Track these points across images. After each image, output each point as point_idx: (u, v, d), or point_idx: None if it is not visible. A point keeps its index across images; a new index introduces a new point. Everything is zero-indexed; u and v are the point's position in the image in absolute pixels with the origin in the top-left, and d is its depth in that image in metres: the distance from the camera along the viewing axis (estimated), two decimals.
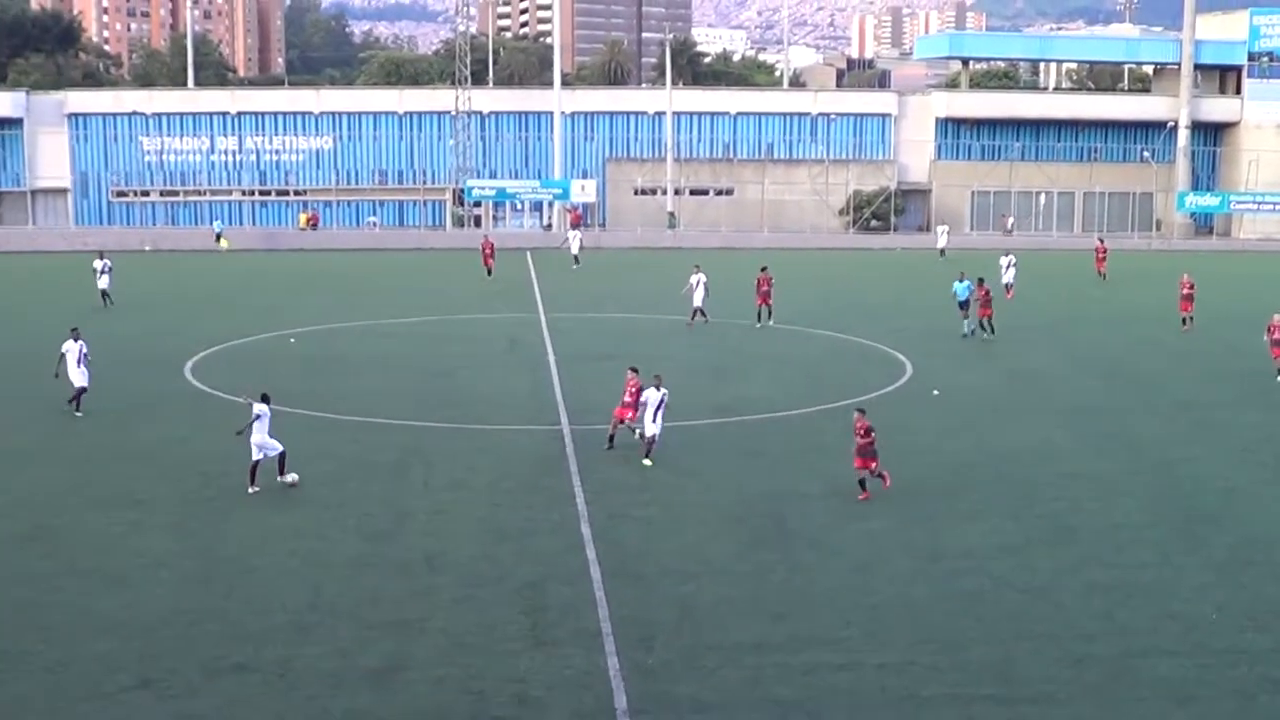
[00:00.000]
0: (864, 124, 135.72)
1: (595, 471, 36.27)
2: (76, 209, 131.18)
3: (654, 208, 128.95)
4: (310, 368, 52.29)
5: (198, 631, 24.75)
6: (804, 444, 40.11)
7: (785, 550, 29.75)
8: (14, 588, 27.00)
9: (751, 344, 58.33)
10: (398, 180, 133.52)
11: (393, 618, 25.36)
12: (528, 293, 78.60)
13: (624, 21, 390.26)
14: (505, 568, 28.27)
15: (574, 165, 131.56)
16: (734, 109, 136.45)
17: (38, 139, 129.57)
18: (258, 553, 29.33)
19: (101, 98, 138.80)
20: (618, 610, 25.58)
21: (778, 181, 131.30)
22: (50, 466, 37.06)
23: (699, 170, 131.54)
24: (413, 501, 33.57)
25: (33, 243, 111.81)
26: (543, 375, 51.45)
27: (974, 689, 22.44)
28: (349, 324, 64.73)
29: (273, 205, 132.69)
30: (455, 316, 68.03)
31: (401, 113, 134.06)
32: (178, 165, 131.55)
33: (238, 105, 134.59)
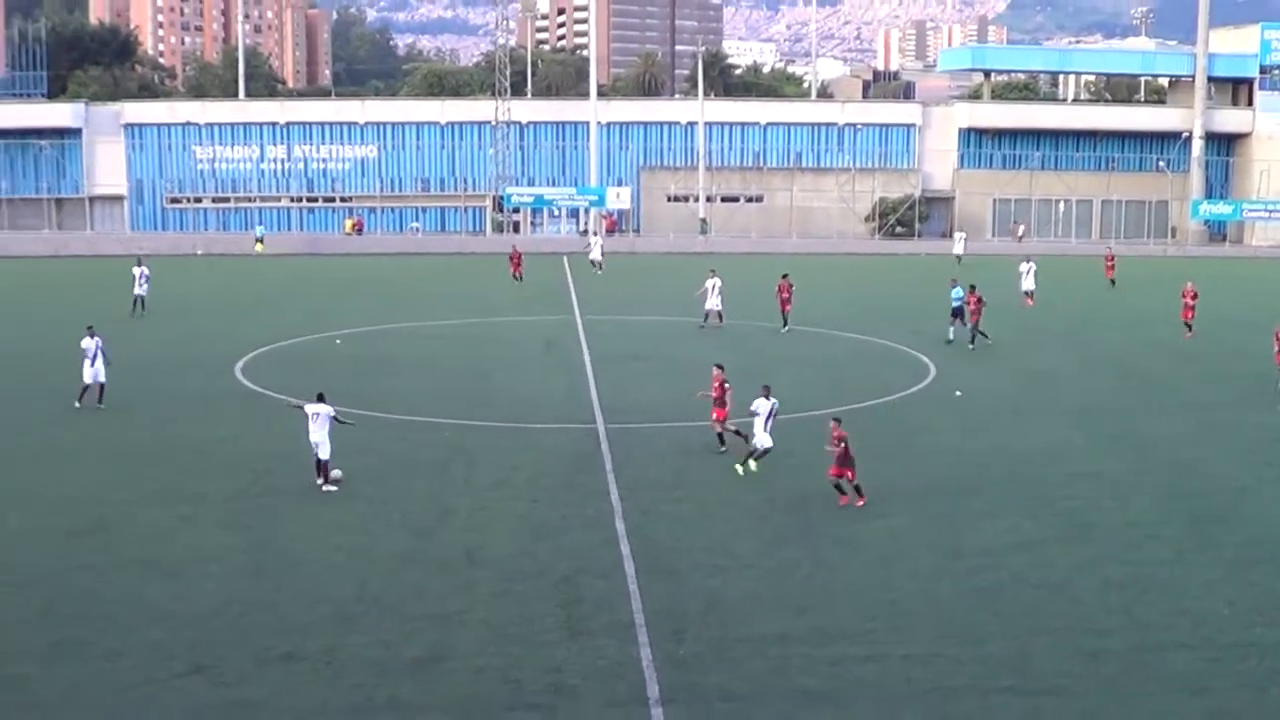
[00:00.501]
0: (889, 134, 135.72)
1: (629, 469, 36.28)
2: (132, 215, 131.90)
3: (686, 214, 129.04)
4: (356, 368, 52.38)
5: (247, 621, 24.85)
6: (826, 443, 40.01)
7: (810, 546, 29.74)
8: (72, 578, 27.12)
9: (778, 346, 58.26)
10: (440, 187, 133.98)
11: (435, 610, 25.43)
12: (564, 296, 78.66)
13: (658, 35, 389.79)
14: (543, 562, 28.31)
15: (609, 173, 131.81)
16: (764, 119, 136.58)
17: (96, 148, 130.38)
18: (305, 547, 29.42)
19: (156, 108, 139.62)
20: (650, 603, 25.60)
21: (806, 189, 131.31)
22: (107, 463, 37.22)
23: (730, 178, 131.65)
24: (454, 498, 33.62)
25: (91, 247, 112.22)
26: (579, 376, 51.47)
27: (993, 681, 22.42)
28: (393, 326, 64.84)
29: (320, 212, 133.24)
30: (494, 319, 68.11)
31: (443, 123, 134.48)
32: (229, 173, 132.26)
33: (286, 116, 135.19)
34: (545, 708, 21.32)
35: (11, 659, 22.96)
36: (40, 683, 22.07)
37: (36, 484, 34.87)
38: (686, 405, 41.65)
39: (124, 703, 21.35)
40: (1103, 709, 21.56)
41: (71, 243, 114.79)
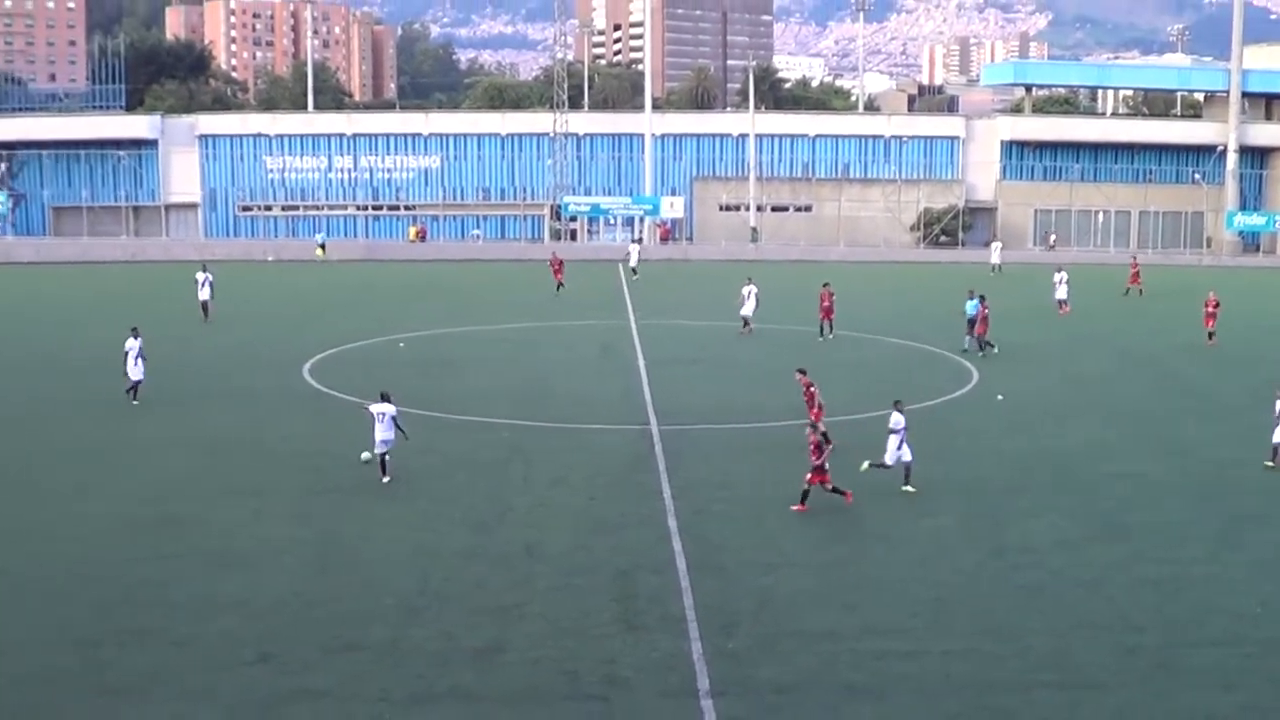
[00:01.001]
0: (934, 146, 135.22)
1: (681, 469, 36.25)
2: (206, 222, 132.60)
3: (738, 223, 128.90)
4: (419, 370, 52.48)
5: (314, 612, 24.93)
6: (875, 445, 39.82)
7: (857, 544, 29.70)
8: (145, 569, 27.28)
9: (826, 351, 58.06)
10: (500, 196, 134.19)
11: (494, 603, 25.45)
12: (619, 301, 78.69)
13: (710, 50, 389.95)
14: (598, 558, 28.32)
15: (663, 183, 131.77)
16: (812, 131, 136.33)
17: (171, 158, 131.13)
18: (370, 541, 29.50)
19: (229, 120, 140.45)
20: (701, 598, 25.57)
21: (853, 199, 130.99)
22: (180, 458, 37.42)
23: (780, 188, 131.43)
24: (513, 496, 33.64)
25: (167, 253, 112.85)
26: (633, 379, 51.47)
27: (1033, 675, 22.29)
28: (454, 330, 64.98)
29: (384, 219, 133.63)
30: (552, 323, 68.16)
31: (504, 134, 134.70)
32: (298, 182, 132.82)
33: (353, 127, 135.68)
34: (600, 698, 21.32)
35: (90, 645, 23.11)
36: (117, 668, 22.21)
37: (112, 479, 35.13)
38: (737, 407, 41.61)
39: (195, 688, 21.45)
40: (1138, 703, 21.42)
41: (148, 249, 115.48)
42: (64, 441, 39.51)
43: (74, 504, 32.33)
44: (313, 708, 20.86)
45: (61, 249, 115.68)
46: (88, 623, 24.23)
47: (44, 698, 21.10)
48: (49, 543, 29.11)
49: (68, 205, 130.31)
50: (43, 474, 35.59)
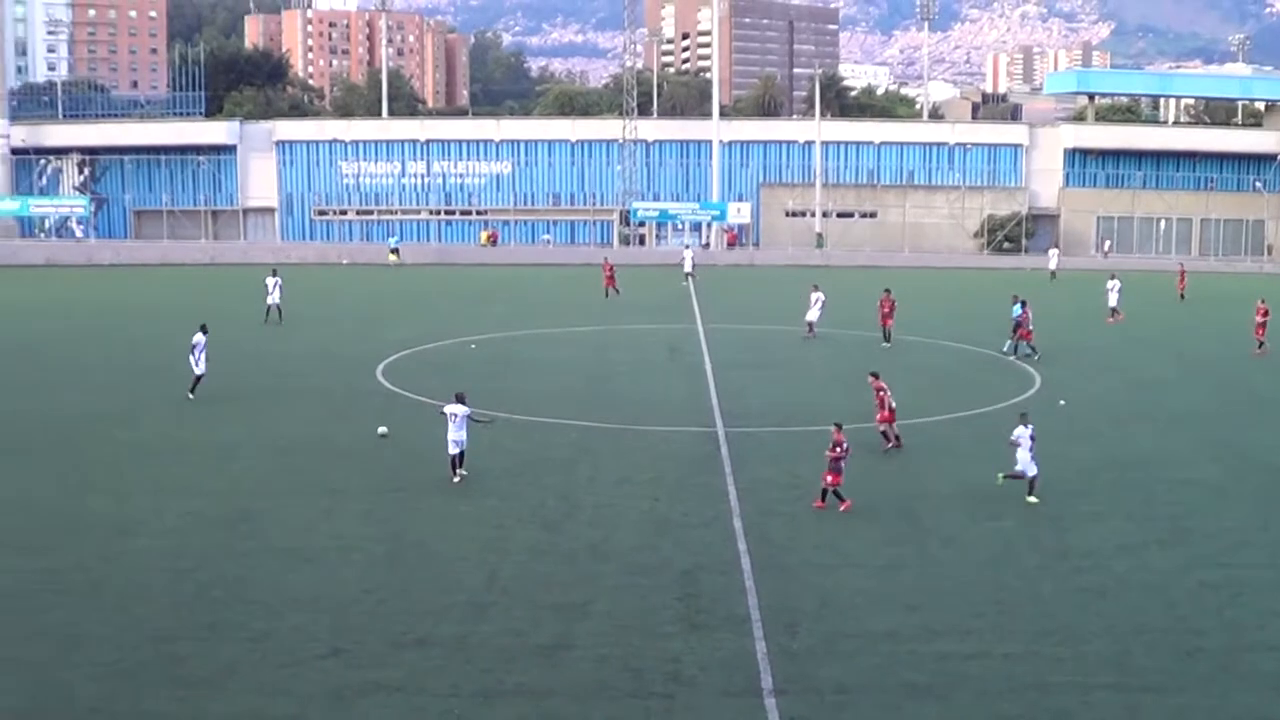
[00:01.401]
0: (997, 153, 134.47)
1: (747, 471, 36.21)
2: (282, 226, 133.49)
3: (803, 228, 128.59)
4: (489, 371, 52.63)
5: (384, 608, 25.06)
6: (937, 448, 39.80)
7: (919, 546, 29.57)
8: (222, 565, 27.50)
9: (891, 356, 57.76)
10: (570, 202, 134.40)
11: (561, 600, 25.51)
12: (686, 305, 78.65)
13: (777, 58, 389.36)
14: (664, 557, 28.33)
15: (730, 189, 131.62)
16: (878, 139, 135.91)
17: (249, 163, 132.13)
18: (440, 538, 29.62)
19: (305, 126, 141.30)
20: (765, 598, 25.54)
21: (918, 205, 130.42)
22: (255, 457, 37.69)
23: (845, 194, 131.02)
24: (581, 495, 33.72)
25: (244, 256, 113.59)
26: (699, 381, 51.42)
27: (1093, 678, 22.15)
28: (524, 332, 65.11)
29: (456, 224, 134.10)
30: (620, 326, 68.18)
31: (574, 141, 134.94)
32: (372, 187, 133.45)
33: (426, 134, 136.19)
34: (664, 696, 21.32)
35: (169, 639, 23.31)
36: (195, 661, 22.39)
37: (191, 477, 35.38)
38: (803, 410, 41.56)
39: (269, 682, 21.61)
40: (1197, 706, 21.28)
41: (226, 252, 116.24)
42: (145, 440, 39.86)
43: (153, 501, 32.60)
44: (383, 702, 20.96)
45: (142, 251, 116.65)
46: (165, 618, 24.44)
47: (122, 690, 21.30)
48: (128, 539, 29.40)
49: (148, 209, 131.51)
50: (125, 472, 35.93)
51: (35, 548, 28.74)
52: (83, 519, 31.03)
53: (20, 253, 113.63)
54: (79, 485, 34.25)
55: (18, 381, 50.34)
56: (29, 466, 36.54)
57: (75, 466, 36.37)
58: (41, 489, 33.95)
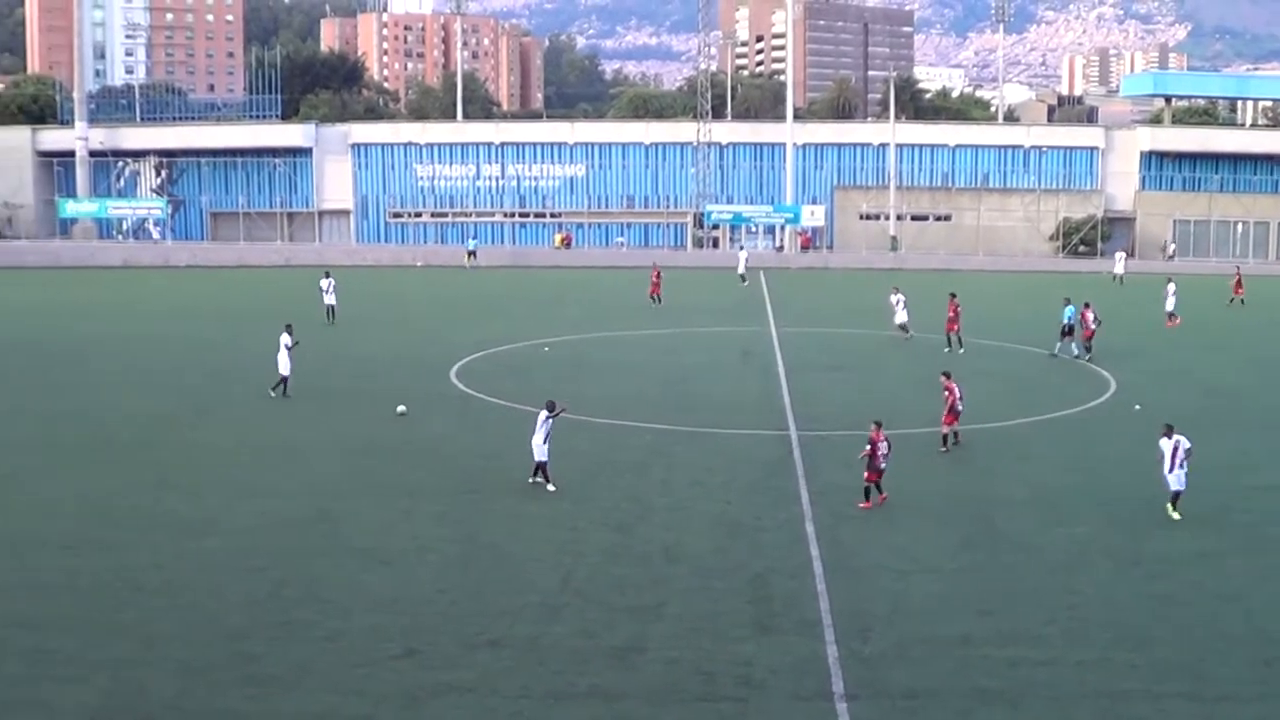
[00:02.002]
0: (1073, 156, 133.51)
1: (819, 474, 36.10)
2: (357, 228, 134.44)
3: (878, 231, 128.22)
4: (562, 373, 52.79)
5: (457, 609, 25.14)
6: (1012, 453, 39.58)
7: (992, 551, 29.38)
8: (298, 565, 27.68)
9: (965, 360, 57.42)
10: (643, 204, 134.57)
11: (633, 603, 25.53)
12: (760, 308, 78.57)
13: (852, 60, 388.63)
14: (735, 560, 28.29)
15: (804, 192, 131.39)
16: (952, 141, 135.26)
17: (325, 166, 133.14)
18: (514, 540, 29.68)
19: (381, 129, 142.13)
20: (837, 602, 25.45)
21: (992, 208, 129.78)
22: (333, 459, 37.91)
23: (919, 197, 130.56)
24: (653, 497, 33.74)
25: (319, 258, 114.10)
26: (773, 384, 51.38)
27: (1166, 686, 21.94)
28: (598, 335, 65.24)
29: (530, 226, 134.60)
30: (694, 329, 68.16)
31: (648, 143, 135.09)
32: (447, 190, 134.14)
33: (501, 136, 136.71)
34: (736, 699, 21.30)
35: (243, 638, 23.47)
36: (269, 660, 22.54)
37: (268, 477, 35.72)
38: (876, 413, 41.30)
39: (344, 681, 21.71)
40: (1274, 716, 21.06)
41: (301, 254, 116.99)
42: (219, 441, 40.22)
43: (231, 501, 32.88)
44: (455, 702, 21.03)
45: (218, 253, 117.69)
46: (238, 616, 24.62)
47: (195, 688, 21.45)
48: (204, 538, 29.62)
49: (225, 211, 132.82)
50: (199, 472, 36.19)
51: (111, 546, 29.04)
52: (158, 518, 31.31)
53: (98, 254, 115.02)
54: (154, 485, 34.57)
55: (94, 381, 50.88)
56: (105, 466, 36.94)
57: (150, 466, 36.72)
58: (117, 488, 34.31)
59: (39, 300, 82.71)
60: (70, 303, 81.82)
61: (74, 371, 53.29)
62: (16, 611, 24.84)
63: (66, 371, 53.19)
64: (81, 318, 72.48)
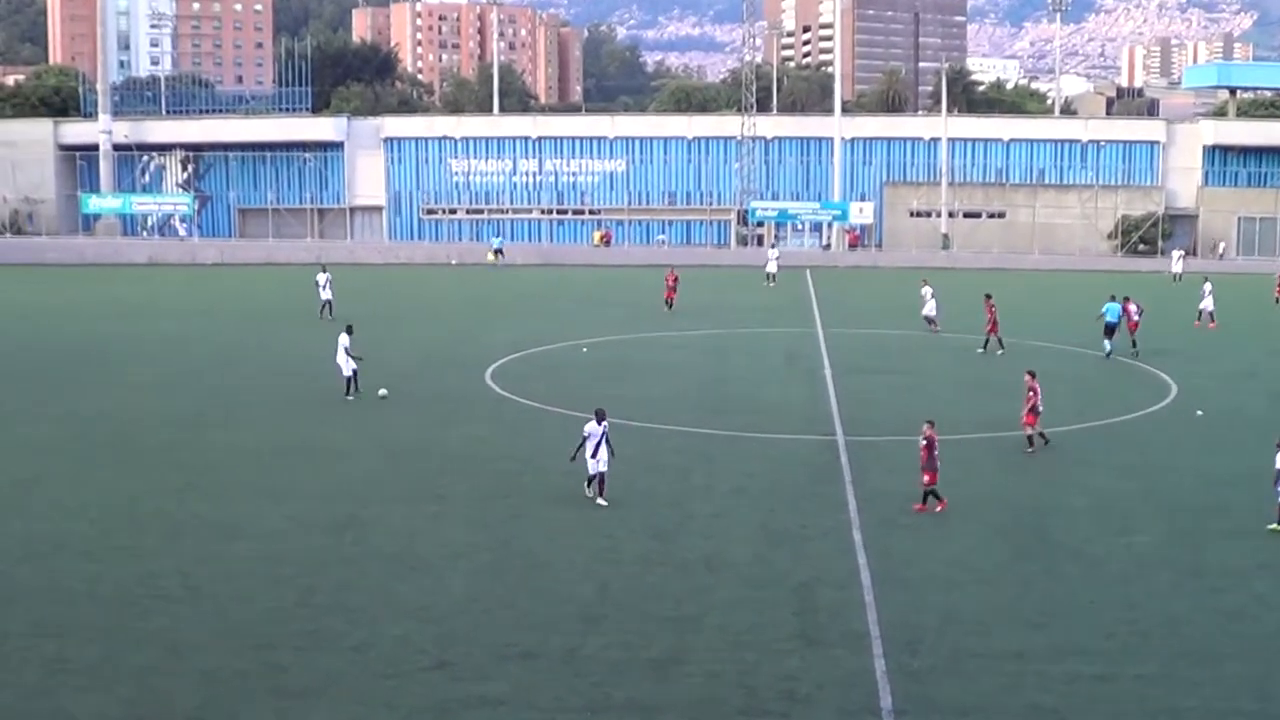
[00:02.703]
0: (1133, 151, 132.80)
1: (867, 481, 35.99)
2: (390, 225, 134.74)
3: (928, 229, 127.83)
4: (601, 375, 52.81)
5: (490, 619, 25.14)
6: (1068, 459, 39.37)
7: (1048, 561, 29.20)
8: (326, 571, 27.73)
9: (1018, 361, 57.27)
10: (686, 201, 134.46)
11: (673, 613, 25.48)
12: (806, 308, 78.47)
13: (902, 51, 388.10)
14: (779, 570, 28.23)
15: (852, 188, 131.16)
16: (1007, 135, 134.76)
17: (357, 160, 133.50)
18: (549, 547, 29.68)
19: (415, 123, 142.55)
20: (885, 614, 25.36)
21: (1048, 205, 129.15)
22: (362, 462, 38.01)
23: (972, 194, 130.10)
24: (694, 504, 33.70)
25: (351, 255, 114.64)
26: (819, 387, 51.30)
27: (1231, 703, 21.75)
28: (637, 335, 65.23)
29: (569, 223, 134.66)
30: (737, 330, 68.12)
31: (690, 138, 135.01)
32: (482, 185, 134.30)
33: (538, 130, 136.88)
34: (779, 715, 21.22)
35: (269, 647, 23.52)
36: (295, 671, 22.57)
37: (296, 480, 35.84)
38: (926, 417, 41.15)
39: (371, 693, 21.72)
40: None
41: (332, 251, 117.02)
42: (246, 443, 40.39)
43: (254, 505, 32.99)
44: (488, 716, 21.02)
45: (246, 251, 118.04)
46: (265, 625, 24.69)
47: (220, 699, 21.51)
48: (230, 543, 29.72)
49: (253, 207, 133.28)
50: (225, 475, 36.34)
51: (135, 552, 29.16)
52: (183, 523, 31.43)
53: (123, 251, 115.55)
54: (179, 488, 34.70)
55: (117, 383, 51.14)
56: (129, 469, 37.12)
57: (176, 469, 36.87)
58: (141, 492, 34.44)
59: (61, 299, 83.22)
60: (93, 302, 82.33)
61: (97, 372, 53.57)
62: (37, 618, 24.96)
63: (89, 372, 53.47)
64: (105, 317, 72.89)
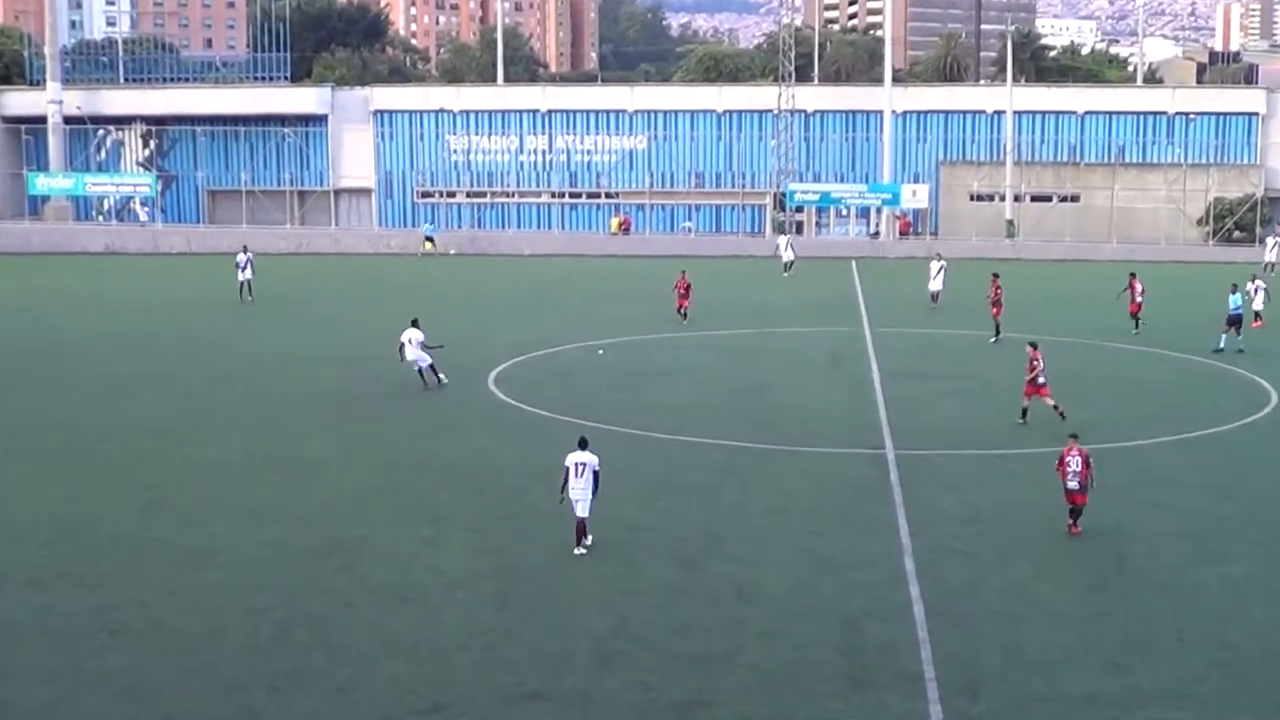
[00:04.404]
0: (1227, 124, 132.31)
1: (920, 500, 35.97)
2: (380, 209, 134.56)
3: (991, 214, 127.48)
4: (619, 380, 52.85)
5: (494, 656, 25.18)
6: (1150, 476, 39.30)
7: (1126, 593, 29.14)
8: (306, 603, 27.79)
9: (1097, 365, 57.20)
10: (715, 183, 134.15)
11: (700, 650, 25.50)
12: (851, 305, 78.45)
13: (962, 12, 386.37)
14: (821, 601, 28.25)
15: (904, 168, 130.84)
16: (1081, 107, 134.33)
17: (342, 136, 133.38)
18: (560, 575, 29.74)
19: (408, 94, 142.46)
20: (940, 652, 25.36)
21: (1129, 187, 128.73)
22: (348, 477, 38.08)
23: (1041, 174, 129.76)
24: (724, 526, 33.72)
25: (336, 244, 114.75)
26: (866, 393, 51.28)
27: None
28: (660, 335, 65.25)
29: (582, 208, 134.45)
30: (773, 329, 68.13)
31: (720, 111, 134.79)
32: (485, 165, 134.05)
33: (548, 103, 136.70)
34: None
35: (240, 688, 23.57)
36: (272, 716, 22.62)
37: (272, 500, 35.91)
38: (987, 429, 41.34)
39: None
40: None
41: (314, 239, 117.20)
42: (220, 457, 40.48)
43: (228, 527, 33.06)
44: None
45: (216, 238, 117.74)
46: (238, 664, 24.74)
47: None
48: (198, 571, 29.79)
49: (224, 189, 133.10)
50: (195, 493, 36.43)
51: (90, 580, 29.24)
52: (145, 547, 31.52)
53: (76, 238, 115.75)
54: (142, 508, 34.82)
55: (73, 387, 51.29)
56: (84, 486, 37.18)
57: (138, 486, 36.97)
58: (99, 512, 34.53)
59: (5, 292, 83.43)
60: (42, 294, 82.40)
61: (47, 375, 53.71)
62: None
63: (37, 375, 53.63)
64: (55, 312, 73.11)
